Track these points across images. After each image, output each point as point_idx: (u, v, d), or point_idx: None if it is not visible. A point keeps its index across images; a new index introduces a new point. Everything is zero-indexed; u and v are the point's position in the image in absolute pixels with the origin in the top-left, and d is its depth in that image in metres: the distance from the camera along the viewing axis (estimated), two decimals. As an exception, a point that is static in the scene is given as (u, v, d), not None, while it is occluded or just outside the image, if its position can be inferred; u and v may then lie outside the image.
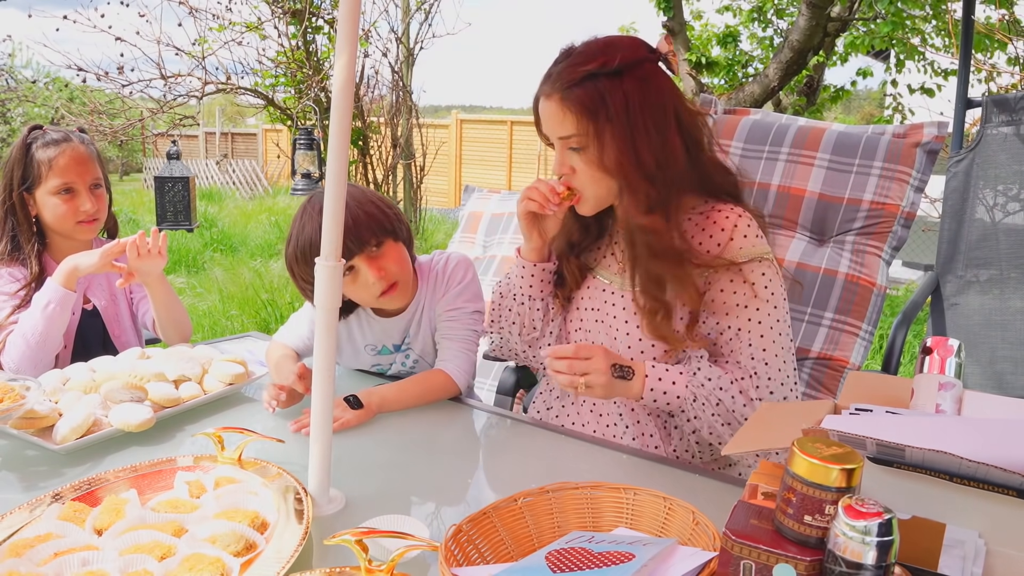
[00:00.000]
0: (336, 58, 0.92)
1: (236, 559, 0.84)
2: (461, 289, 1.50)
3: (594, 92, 1.14)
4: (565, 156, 1.21)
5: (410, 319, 1.52)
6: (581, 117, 1.15)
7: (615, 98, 1.14)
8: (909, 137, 1.72)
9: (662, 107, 1.17)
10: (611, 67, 1.14)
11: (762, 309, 1.20)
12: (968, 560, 0.69)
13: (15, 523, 0.91)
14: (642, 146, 1.15)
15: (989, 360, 2.37)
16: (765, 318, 1.20)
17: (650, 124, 1.15)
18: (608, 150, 1.16)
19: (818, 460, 0.64)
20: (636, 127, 1.15)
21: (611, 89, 1.14)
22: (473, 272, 1.53)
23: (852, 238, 1.73)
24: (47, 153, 1.56)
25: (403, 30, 5.91)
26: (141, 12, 4.92)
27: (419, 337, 1.54)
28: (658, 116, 1.16)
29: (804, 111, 6.26)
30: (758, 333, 1.20)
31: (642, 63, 1.17)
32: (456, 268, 1.52)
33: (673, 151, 1.18)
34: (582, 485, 0.94)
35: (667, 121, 1.17)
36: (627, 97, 1.14)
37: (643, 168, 1.16)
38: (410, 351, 1.55)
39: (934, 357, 0.89)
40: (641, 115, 1.15)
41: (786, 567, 0.64)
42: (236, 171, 12.58)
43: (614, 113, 1.14)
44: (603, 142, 1.16)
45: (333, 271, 0.96)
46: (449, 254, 1.56)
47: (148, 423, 1.21)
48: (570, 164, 1.21)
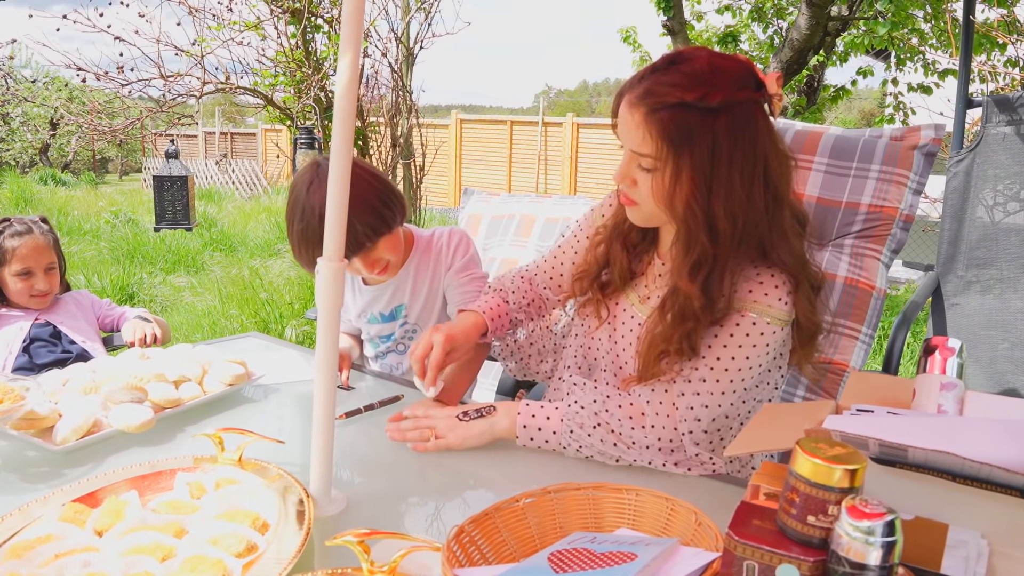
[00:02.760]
0: (340, 56, 0.92)
1: (237, 560, 0.83)
2: (467, 261, 1.59)
3: (683, 123, 1.04)
4: (631, 168, 1.12)
5: (396, 287, 1.58)
6: (661, 143, 1.06)
7: (703, 137, 1.04)
8: (907, 140, 1.72)
9: (752, 157, 1.06)
10: (709, 104, 1.04)
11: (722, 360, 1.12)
12: (971, 560, 0.69)
13: (15, 525, 0.91)
14: (717, 196, 1.06)
15: (990, 360, 2.37)
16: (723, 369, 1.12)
17: (735, 174, 1.05)
18: (680, 187, 1.07)
19: (822, 460, 0.64)
20: (718, 175, 1.05)
21: (702, 126, 1.04)
22: (474, 245, 1.63)
23: (851, 241, 1.72)
24: (12, 243, 1.96)
25: (403, 30, 5.91)
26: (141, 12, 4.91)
27: (415, 308, 1.59)
28: (745, 167, 1.06)
29: (804, 111, 6.26)
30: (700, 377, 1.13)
31: (743, 104, 1.06)
32: (460, 244, 1.60)
33: (752, 209, 1.08)
34: (584, 486, 0.94)
35: (754, 173, 1.07)
36: (716, 139, 1.04)
37: (709, 221, 1.07)
38: (407, 322, 1.59)
39: (935, 357, 0.89)
40: (727, 163, 1.05)
41: (789, 568, 0.64)
42: (235, 171, 12.58)
43: (698, 153, 1.05)
44: (677, 177, 1.07)
45: (335, 271, 0.95)
46: (450, 230, 1.62)
47: (148, 424, 1.21)
48: (633, 176, 1.13)
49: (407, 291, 1.57)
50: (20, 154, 16.05)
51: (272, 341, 1.78)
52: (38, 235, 2.00)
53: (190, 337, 4.35)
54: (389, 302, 1.58)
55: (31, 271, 1.96)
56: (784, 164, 1.13)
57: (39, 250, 1.98)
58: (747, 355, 1.12)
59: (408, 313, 1.58)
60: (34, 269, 1.96)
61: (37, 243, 1.98)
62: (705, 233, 1.08)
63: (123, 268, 5.89)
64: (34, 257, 1.96)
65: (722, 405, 1.14)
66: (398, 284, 1.57)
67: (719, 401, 1.14)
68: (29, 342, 1.92)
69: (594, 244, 1.32)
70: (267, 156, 14.12)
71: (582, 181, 10.59)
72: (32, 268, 1.96)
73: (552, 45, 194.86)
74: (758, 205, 1.08)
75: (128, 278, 5.51)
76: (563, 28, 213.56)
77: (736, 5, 6.51)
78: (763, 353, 1.14)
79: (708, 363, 1.13)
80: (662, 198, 1.10)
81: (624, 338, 1.27)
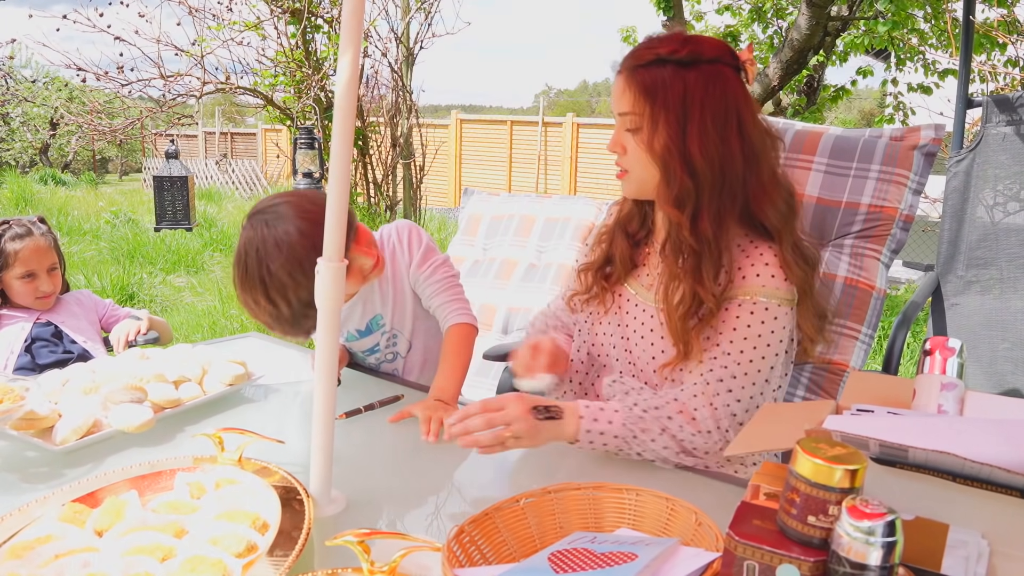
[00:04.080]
0: (340, 56, 0.92)
1: (237, 560, 0.83)
2: (424, 251, 1.53)
3: (657, 76, 1.14)
4: (620, 134, 1.21)
5: (364, 301, 1.53)
6: (639, 97, 1.15)
7: (675, 87, 1.13)
8: (906, 140, 1.72)
9: (723, 109, 1.15)
10: (680, 56, 1.14)
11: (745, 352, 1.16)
12: (971, 561, 0.69)
13: (15, 525, 0.91)
14: (692, 138, 1.14)
15: (990, 360, 2.37)
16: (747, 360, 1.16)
17: (707, 118, 1.13)
18: (658, 135, 1.15)
19: (822, 461, 0.64)
20: (691, 118, 1.13)
21: (674, 77, 1.14)
22: (422, 231, 1.57)
23: (851, 241, 1.72)
24: (13, 246, 1.95)
25: (403, 30, 5.91)
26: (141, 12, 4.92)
27: (389, 313, 1.55)
28: (717, 115, 1.14)
29: (804, 110, 6.26)
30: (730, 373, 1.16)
31: (714, 63, 1.15)
32: (410, 237, 1.54)
33: (728, 154, 1.15)
34: (584, 486, 0.94)
35: (727, 124, 1.15)
36: (687, 87, 1.13)
37: (687, 160, 1.14)
38: (386, 329, 1.56)
39: (936, 357, 0.89)
40: (700, 108, 1.13)
41: (790, 568, 0.64)
42: (235, 171, 12.58)
43: (671, 100, 1.13)
44: (655, 127, 1.15)
45: (336, 271, 0.95)
46: (395, 225, 1.57)
47: (148, 424, 1.21)
48: (623, 143, 1.21)
49: (376, 301, 1.54)
50: (20, 154, 16.05)
51: (272, 341, 1.78)
52: (38, 236, 2.00)
53: (190, 337, 4.35)
54: (362, 317, 1.54)
55: (34, 273, 1.96)
56: (762, 132, 1.19)
57: (41, 252, 1.98)
58: (768, 342, 1.17)
59: (385, 321, 1.55)
60: (37, 271, 1.96)
61: (38, 245, 1.98)
62: (684, 170, 1.15)
63: (123, 268, 5.89)
64: (36, 259, 1.96)
65: (753, 396, 1.17)
66: (365, 296, 1.53)
67: (751, 393, 1.17)
68: (31, 342, 1.92)
69: (598, 242, 1.37)
70: (267, 156, 14.11)
71: (582, 181, 10.58)
72: (35, 270, 1.96)
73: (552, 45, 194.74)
74: (734, 152, 1.15)
75: (128, 278, 5.51)
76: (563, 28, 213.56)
77: (736, 5, 6.50)
78: (782, 335, 1.18)
79: (734, 358, 1.16)
80: (648, 150, 1.17)
81: (636, 331, 1.28)
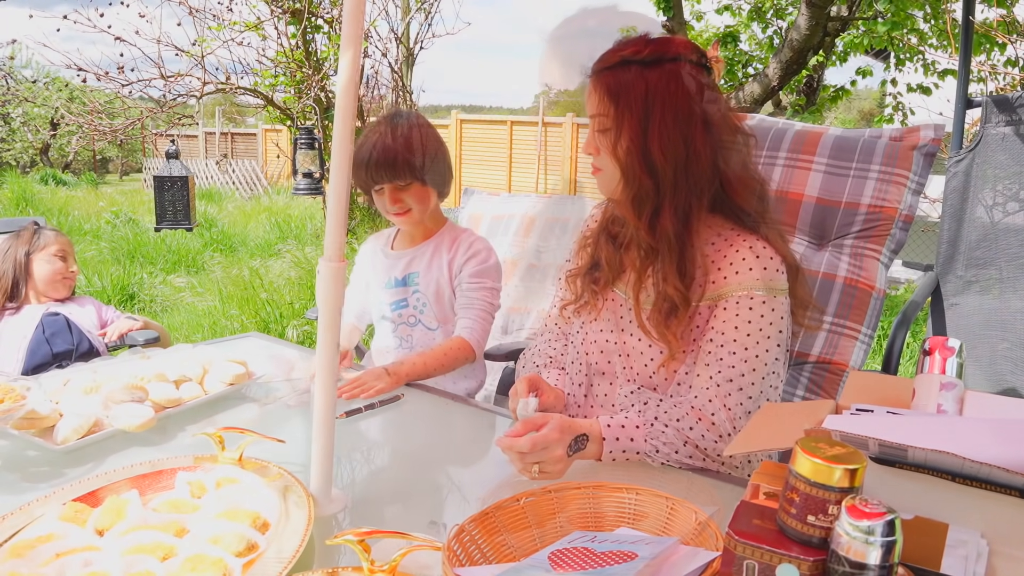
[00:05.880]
0: (340, 56, 0.92)
1: (238, 559, 0.84)
2: (485, 268, 1.69)
3: (621, 78, 1.16)
4: (592, 135, 1.23)
5: (413, 256, 1.73)
6: (604, 99, 1.17)
7: (637, 87, 1.14)
8: (906, 140, 1.72)
9: (687, 107, 1.14)
10: (642, 56, 1.15)
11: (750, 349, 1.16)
12: (971, 560, 0.69)
13: (16, 524, 0.91)
14: (653, 138, 1.14)
15: (989, 360, 2.37)
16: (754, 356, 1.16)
17: (668, 116, 1.13)
18: (623, 136, 1.16)
19: (822, 460, 0.64)
20: (652, 116, 1.14)
21: (637, 78, 1.14)
22: (496, 257, 1.73)
23: (850, 241, 1.72)
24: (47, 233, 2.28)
25: (403, 30, 5.91)
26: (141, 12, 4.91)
27: (426, 281, 1.71)
28: (680, 113, 1.14)
29: (804, 110, 6.26)
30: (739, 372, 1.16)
31: (677, 60, 1.15)
32: (483, 248, 1.71)
33: (692, 152, 1.15)
34: (584, 485, 0.94)
35: (691, 121, 1.15)
36: (649, 87, 1.14)
37: (647, 159, 1.15)
38: (418, 290, 1.72)
39: (935, 357, 0.89)
40: (660, 108, 1.13)
41: (789, 567, 0.64)
42: (236, 171, 12.58)
43: (634, 101, 1.14)
44: (620, 127, 1.16)
45: (336, 272, 0.96)
46: (478, 238, 1.74)
47: (149, 423, 1.21)
48: (596, 144, 1.23)
49: (422, 263, 1.72)
50: (21, 154, 16.05)
51: (273, 341, 1.79)
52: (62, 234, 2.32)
53: (190, 337, 4.35)
54: (405, 268, 1.73)
55: (66, 255, 2.27)
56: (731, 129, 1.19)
57: (68, 242, 2.31)
58: (769, 335, 1.17)
59: (420, 282, 1.71)
60: (68, 254, 2.28)
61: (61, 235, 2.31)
62: (644, 170, 1.16)
63: (123, 268, 5.89)
64: (68, 245, 2.30)
65: (763, 392, 1.18)
66: (416, 255, 1.73)
67: (760, 388, 1.18)
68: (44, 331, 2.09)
69: (582, 246, 1.39)
70: (267, 156, 14.10)
71: (582, 181, 10.58)
72: (67, 251, 2.27)
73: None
74: (698, 148, 1.15)
75: (128, 278, 5.51)
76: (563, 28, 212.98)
77: (736, 5, 6.50)
78: (781, 326, 1.19)
79: (740, 356, 1.17)
80: (612, 151, 1.19)
81: (632, 335, 1.28)
